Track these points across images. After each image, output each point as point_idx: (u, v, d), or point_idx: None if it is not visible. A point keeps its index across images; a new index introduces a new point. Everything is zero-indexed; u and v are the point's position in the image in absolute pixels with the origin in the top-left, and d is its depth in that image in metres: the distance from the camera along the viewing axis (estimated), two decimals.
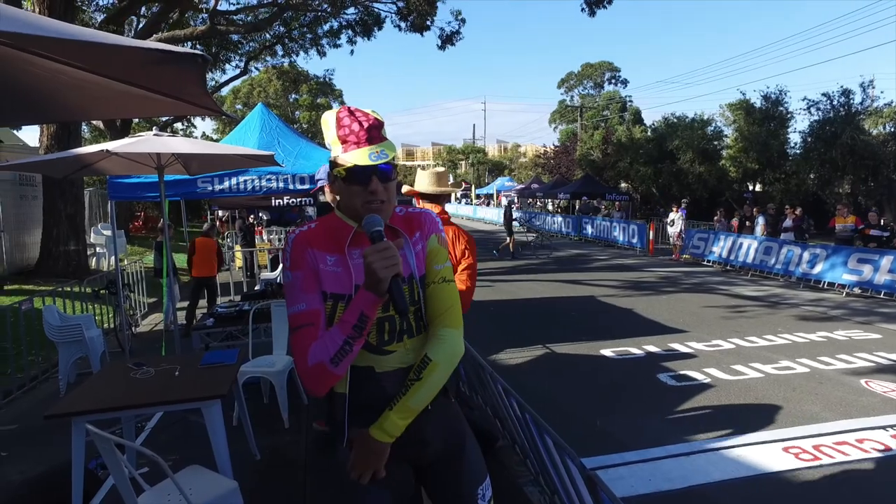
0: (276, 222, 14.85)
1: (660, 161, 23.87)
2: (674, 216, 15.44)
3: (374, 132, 1.40)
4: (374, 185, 1.38)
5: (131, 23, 17.63)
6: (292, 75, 36.44)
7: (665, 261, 14.83)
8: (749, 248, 12.43)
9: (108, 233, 13.56)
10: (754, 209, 14.50)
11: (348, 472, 1.43)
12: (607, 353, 6.25)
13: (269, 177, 5.88)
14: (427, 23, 17.62)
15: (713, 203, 21.27)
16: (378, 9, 18.31)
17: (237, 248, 12.17)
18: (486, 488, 1.59)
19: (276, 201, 7.26)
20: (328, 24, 20.17)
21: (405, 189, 3.27)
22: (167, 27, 16.52)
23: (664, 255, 15.71)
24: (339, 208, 1.49)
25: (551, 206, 32.00)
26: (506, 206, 18.70)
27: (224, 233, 15.40)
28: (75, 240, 10.58)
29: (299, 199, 7.30)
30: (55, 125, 10.02)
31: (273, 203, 7.46)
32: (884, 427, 4.16)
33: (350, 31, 19.68)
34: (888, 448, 3.83)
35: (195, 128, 34.14)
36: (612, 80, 46.01)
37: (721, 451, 3.82)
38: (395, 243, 1.33)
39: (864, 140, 17.68)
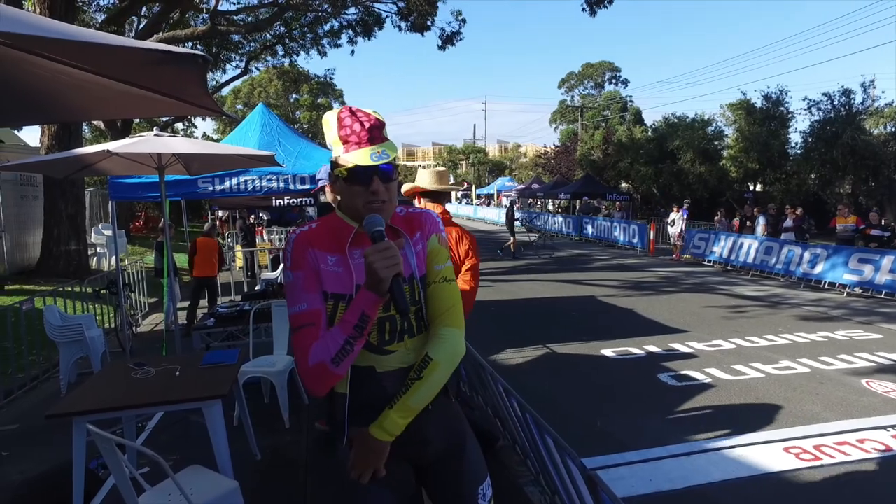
0: (276, 222, 14.85)
1: (660, 161, 23.85)
2: (674, 216, 15.44)
3: (375, 132, 1.40)
4: (375, 185, 1.38)
5: (132, 23, 17.66)
6: (293, 75, 36.45)
7: (665, 261, 14.83)
8: (750, 248, 12.42)
9: (108, 233, 13.57)
10: (755, 209, 14.48)
11: (348, 472, 1.43)
12: (608, 353, 6.26)
13: (269, 177, 5.90)
14: (427, 23, 17.64)
15: (714, 203, 21.26)
16: (378, 9, 18.34)
17: (238, 248, 12.17)
18: (487, 488, 1.59)
19: (277, 201, 7.26)
20: (329, 24, 20.21)
21: (405, 188, 3.21)
22: (168, 27, 16.54)
23: (665, 255, 15.70)
24: (340, 208, 1.49)
25: (552, 206, 32.00)
26: (508, 206, 18.68)
27: (225, 233, 15.41)
28: (76, 240, 10.59)
29: (300, 200, 7.31)
30: (56, 125, 10.03)
31: (273, 203, 7.46)
32: (885, 427, 4.16)
33: (350, 32, 19.71)
34: (889, 448, 3.82)
35: (196, 128, 34.23)
36: (613, 80, 46.07)
37: (722, 451, 3.82)
38: (396, 243, 1.34)
39: (865, 140, 17.68)
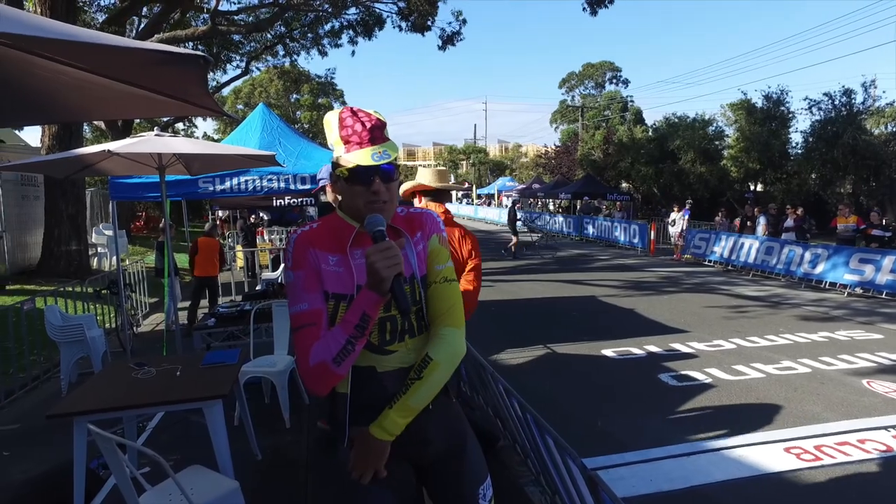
0: (277, 222, 14.87)
1: (661, 161, 23.84)
2: (675, 216, 15.43)
3: (376, 132, 1.40)
4: (376, 185, 1.38)
5: (132, 23, 17.67)
6: (293, 75, 36.44)
7: (666, 261, 14.82)
8: (750, 248, 12.42)
9: (109, 233, 13.59)
10: (755, 209, 14.48)
11: (349, 472, 1.43)
12: (608, 353, 6.25)
13: (270, 177, 5.90)
14: (428, 23, 17.63)
15: (714, 203, 21.25)
16: (379, 9, 18.34)
17: (238, 247, 12.18)
18: (487, 488, 1.59)
19: (278, 201, 7.28)
20: (329, 24, 20.23)
21: (403, 188, 3.11)
22: (168, 27, 16.55)
23: (665, 255, 15.69)
24: (341, 208, 1.49)
25: (552, 206, 32.00)
26: (510, 206, 18.66)
27: (225, 233, 15.42)
28: (77, 240, 10.59)
29: (300, 200, 7.32)
30: (57, 126, 10.04)
31: (274, 203, 7.47)
32: (885, 427, 4.16)
33: (351, 32, 19.71)
34: (890, 448, 3.82)
35: (196, 128, 34.28)
36: (614, 80, 46.02)
37: (722, 451, 3.82)
38: (398, 243, 1.34)
39: (866, 140, 17.66)
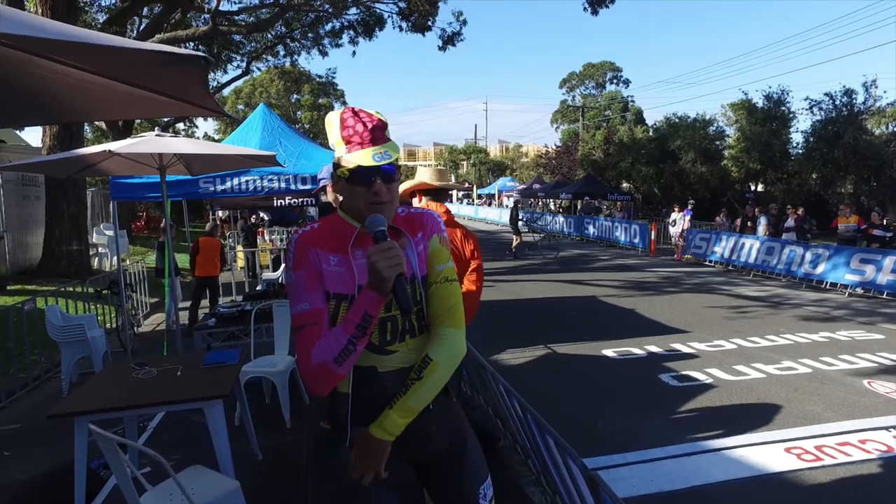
0: (277, 223, 14.89)
1: (662, 161, 23.82)
2: (675, 216, 15.42)
3: (377, 133, 1.40)
4: (377, 185, 1.38)
5: (133, 23, 17.68)
6: (294, 75, 36.49)
7: (667, 261, 14.82)
8: (751, 248, 12.41)
9: (110, 233, 13.60)
10: (756, 209, 14.47)
11: (350, 473, 1.43)
12: (609, 353, 6.25)
13: (270, 177, 5.90)
14: (428, 23, 17.64)
15: (715, 203, 21.24)
16: (379, 9, 18.35)
17: (239, 248, 12.19)
18: (488, 488, 1.59)
19: (278, 202, 7.28)
20: (330, 25, 20.23)
21: (403, 186, 3.07)
22: (169, 28, 16.56)
23: (666, 255, 15.69)
24: (342, 208, 1.49)
25: (553, 206, 31.99)
26: (512, 206, 18.63)
27: (226, 233, 15.43)
28: (78, 240, 10.60)
29: (301, 200, 7.32)
30: (58, 126, 10.05)
31: (275, 203, 7.48)
32: (886, 428, 4.16)
33: (352, 32, 19.71)
34: (890, 449, 3.82)
35: (197, 128, 34.31)
36: (614, 80, 45.99)
37: (723, 451, 3.82)
38: (399, 243, 1.34)
39: (867, 140, 17.65)
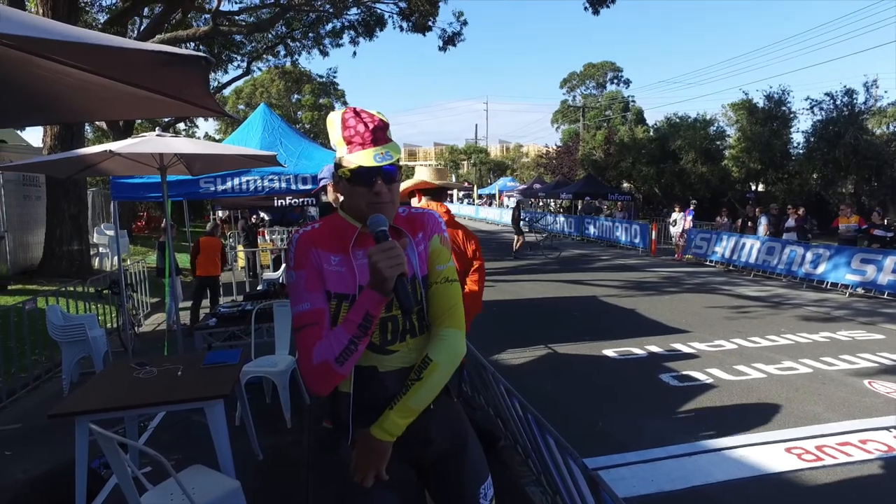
0: (278, 223, 14.90)
1: (662, 161, 23.82)
2: (676, 216, 15.41)
3: (379, 133, 1.40)
4: (378, 186, 1.38)
5: (134, 23, 17.69)
6: (295, 75, 36.48)
7: (667, 261, 14.81)
8: (752, 248, 12.40)
9: (111, 233, 13.61)
10: (757, 209, 14.47)
11: (351, 475, 1.43)
12: (609, 353, 6.25)
13: (271, 177, 5.91)
14: (429, 23, 17.65)
15: (715, 203, 21.23)
16: (380, 9, 18.36)
17: (240, 248, 12.20)
18: (488, 488, 1.59)
19: (279, 202, 7.28)
20: (330, 25, 20.24)
21: (403, 186, 3.01)
22: (170, 28, 16.57)
23: (666, 255, 15.69)
24: (342, 208, 1.49)
25: (553, 206, 31.98)
26: (514, 206, 18.60)
27: (226, 233, 15.44)
28: (78, 240, 10.61)
29: (301, 200, 7.32)
30: (58, 126, 10.06)
31: (275, 203, 7.48)
32: (887, 428, 4.15)
33: (352, 32, 19.72)
34: (891, 449, 3.82)
35: (197, 128, 34.32)
36: (615, 80, 45.99)
37: (723, 451, 3.82)
38: (400, 243, 1.34)
39: (868, 140, 17.63)
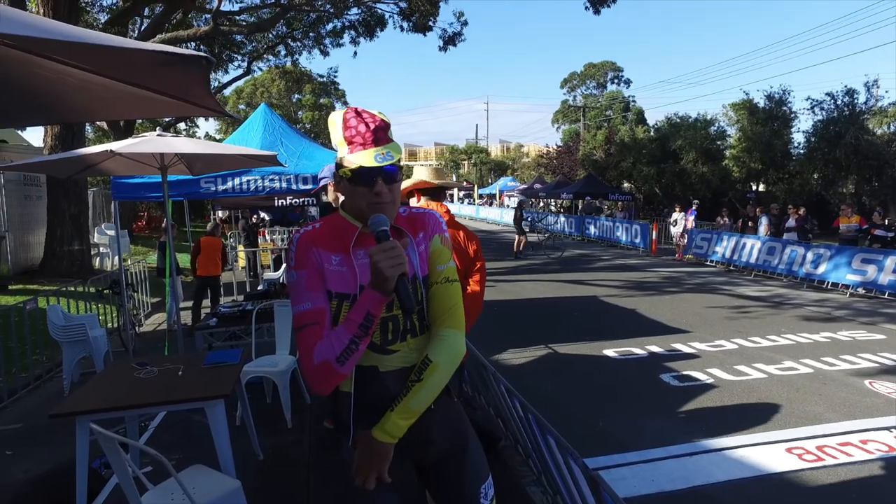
0: (278, 222, 14.91)
1: (663, 161, 23.82)
2: (677, 216, 15.41)
3: (380, 133, 1.40)
4: (379, 186, 1.38)
5: (135, 23, 17.70)
6: (295, 75, 36.49)
7: (668, 261, 14.81)
8: (752, 248, 12.40)
9: (111, 233, 13.61)
10: (757, 209, 14.46)
11: (353, 476, 1.43)
12: (610, 353, 6.25)
13: (271, 177, 5.91)
14: (429, 23, 17.65)
15: (716, 203, 21.22)
16: (381, 9, 18.35)
17: (240, 247, 12.20)
18: (489, 488, 1.60)
19: (279, 201, 7.29)
20: (331, 25, 20.23)
21: (402, 186, 3.16)
22: (170, 28, 16.58)
23: (667, 255, 15.68)
24: (343, 208, 1.49)
25: (554, 206, 31.98)
26: (517, 206, 18.57)
27: (227, 233, 15.44)
28: (79, 240, 10.62)
29: (302, 200, 7.32)
30: (59, 126, 10.06)
31: (276, 203, 7.48)
32: (888, 428, 4.15)
33: (353, 32, 19.71)
34: (892, 449, 3.82)
35: (198, 128, 34.37)
36: (615, 80, 45.98)
37: (724, 451, 3.81)
38: (401, 243, 1.34)
39: (869, 140, 17.63)
